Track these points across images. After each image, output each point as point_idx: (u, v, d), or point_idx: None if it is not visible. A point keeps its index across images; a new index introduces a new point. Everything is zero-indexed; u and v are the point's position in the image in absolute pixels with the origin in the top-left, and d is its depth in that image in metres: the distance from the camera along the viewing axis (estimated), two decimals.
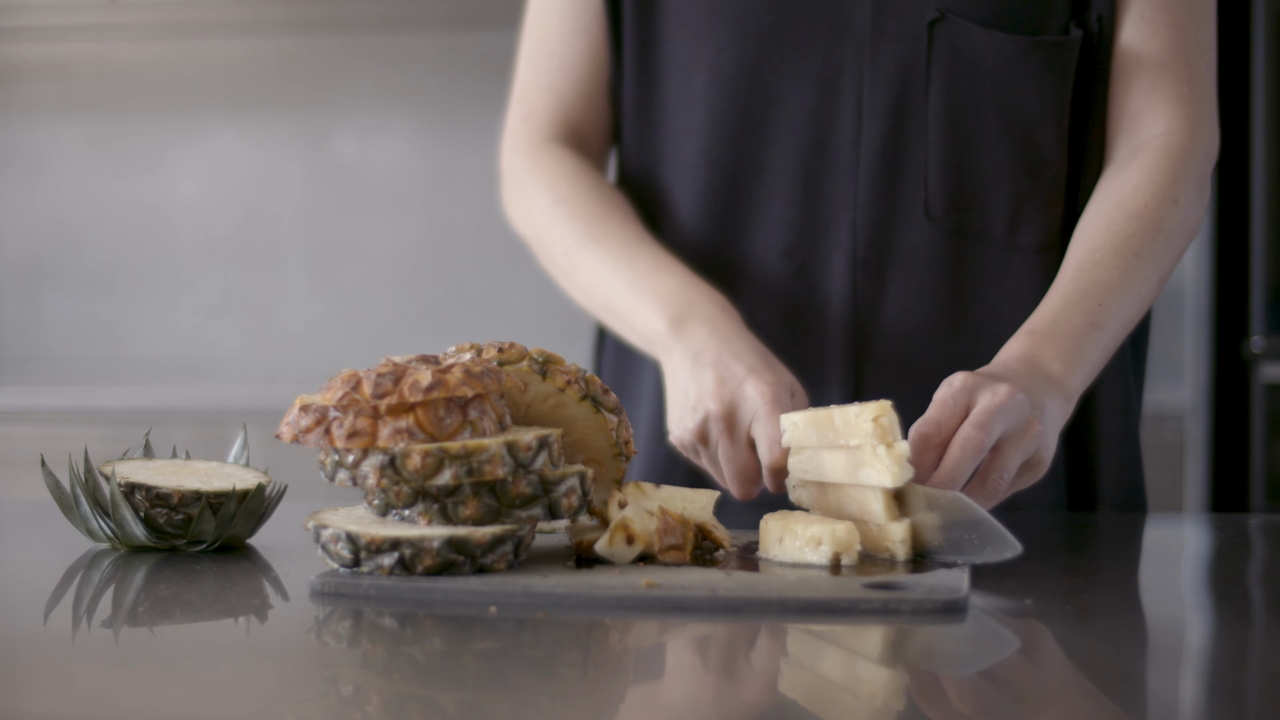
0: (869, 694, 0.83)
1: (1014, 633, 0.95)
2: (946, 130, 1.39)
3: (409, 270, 3.51)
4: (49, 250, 3.63)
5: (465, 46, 3.46)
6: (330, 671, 0.86)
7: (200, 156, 3.57)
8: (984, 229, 1.40)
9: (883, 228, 1.40)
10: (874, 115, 1.39)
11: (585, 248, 1.41)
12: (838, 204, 1.41)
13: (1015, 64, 1.37)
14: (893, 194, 1.40)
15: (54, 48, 3.59)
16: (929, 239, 1.40)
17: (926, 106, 1.39)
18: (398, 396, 1.02)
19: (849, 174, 1.40)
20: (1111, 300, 1.28)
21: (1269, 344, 2.84)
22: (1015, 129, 1.39)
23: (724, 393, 1.23)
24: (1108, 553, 1.27)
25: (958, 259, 1.40)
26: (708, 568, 1.06)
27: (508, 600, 0.98)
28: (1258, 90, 2.85)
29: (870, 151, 1.40)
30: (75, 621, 0.99)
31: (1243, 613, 1.04)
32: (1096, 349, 1.26)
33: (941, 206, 1.40)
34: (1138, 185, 1.34)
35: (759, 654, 0.91)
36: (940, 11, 1.37)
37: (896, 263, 1.40)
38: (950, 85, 1.38)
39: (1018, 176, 1.40)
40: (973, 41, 1.37)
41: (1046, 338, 1.24)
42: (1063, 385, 1.22)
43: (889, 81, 1.39)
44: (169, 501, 1.17)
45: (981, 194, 1.40)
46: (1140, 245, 1.31)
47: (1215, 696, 0.82)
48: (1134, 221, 1.32)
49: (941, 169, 1.39)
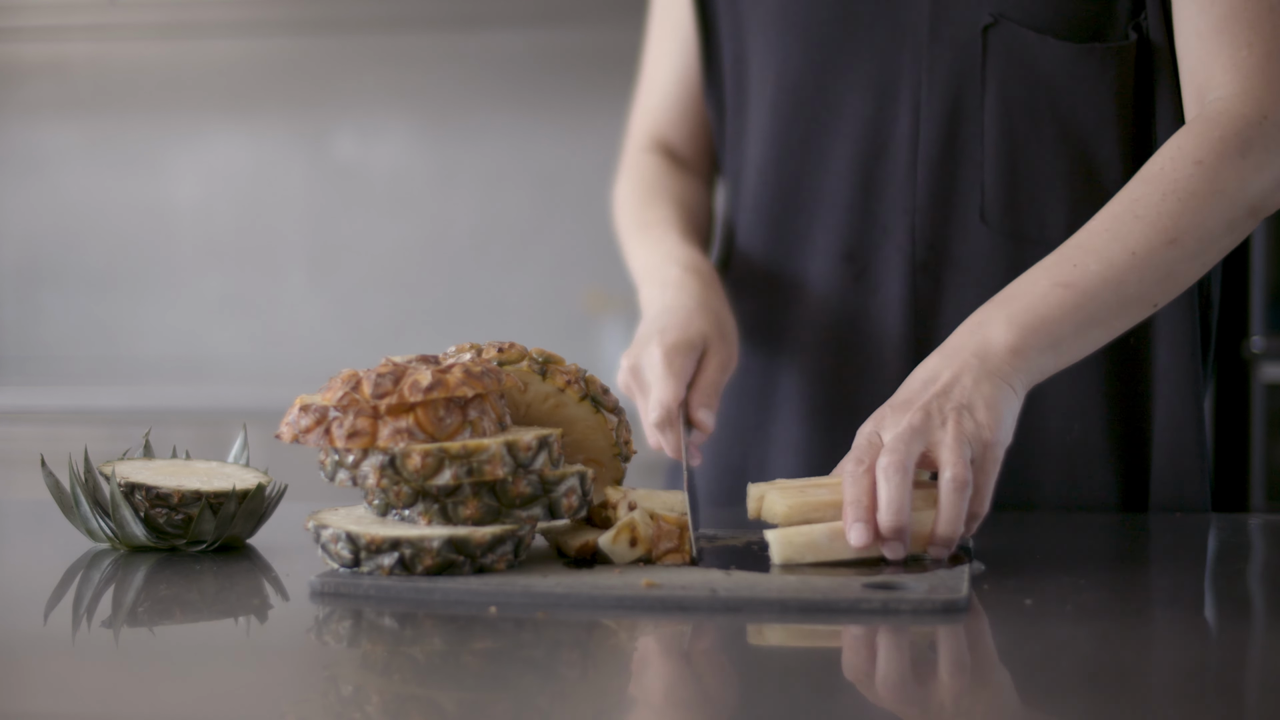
0: (869, 694, 0.83)
1: (1014, 633, 0.95)
2: (1002, 135, 1.40)
3: (409, 270, 3.51)
4: (49, 250, 3.63)
5: (465, 46, 3.46)
6: (330, 671, 0.86)
7: (200, 156, 3.57)
8: (1041, 234, 1.40)
9: (940, 232, 1.42)
10: (930, 120, 1.41)
11: (627, 235, 1.56)
12: (896, 208, 1.43)
13: (1070, 69, 1.38)
14: (949, 198, 1.42)
15: (54, 48, 3.59)
16: (985, 244, 1.41)
17: (982, 111, 1.40)
18: (398, 396, 1.02)
19: (907, 178, 1.42)
20: (1090, 260, 1.22)
21: (1269, 344, 2.84)
22: (1071, 134, 1.39)
23: (634, 349, 1.34)
24: (1107, 553, 1.27)
25: (1014, 264, 1.39)
26: (708, 568, 1.06)
27: (508, 600, 0.98)
28: None
29: (927, 156, 1.41)
30: (75, 621, 0.99)
31: (1243, 613, 1.04)
32: (1067, 306, 1.20)
33: (997, 212, 1.40)
34: (1160, 152, 1.28)
35: (758, 654, 0.91)
36: (995, 17, 1.37)
37: (954, 267, 1.42)
38: (1005, 90, 1.39)
39: (1075, 182, 1.39)
40: (1027, 47, 1.38)
41: (1002, 302, 1.21)
42: (1009, 347, 1.17)
43: (945, 86, 1.41)
44: (169, 501, 1.17)
45: (1038, 199, 1.40)
46: (1143, 208, 1.24)
47: (1215, 696, 0.82)
48: (1140, 185, 1.26)
49: (997, 174, 1.40)
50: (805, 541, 1.06)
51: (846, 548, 1.06)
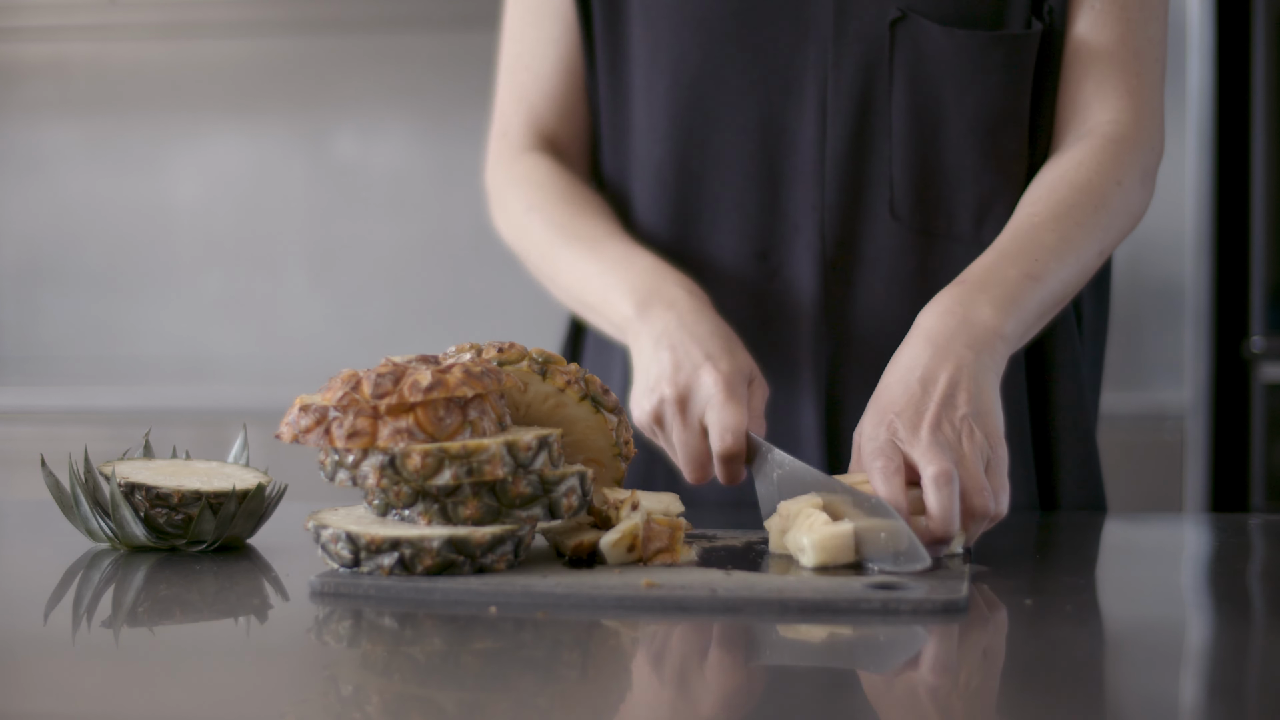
0: (869, 694, 0.83)
1: (1014, 633, 0.95)
2: (910, 129, 1.39)
3: (409, 270, 3.51)
4: (49, 250, 3.63)
5: (465, 46, 3.46)
6: (330, 671, 0.87)
7: (200, 156, 3.57)
8: (950, 227, 1.40)
9: (850, 228, 1.41)
10: (838, 115, 1.40)
11: (559, 250, 1.42)
12: (804, 206, 1.41)
13: (977, 60, 1.38)
14: (859, 194, 1.40)
15: (54, 48, 3.59)
16: (896, 239, 1.40)
17: (890, 106, 1.39)
18: (398, 396, 1.02)
19: (814, 175, 1.41)
20: (1049, 258, 1.27)
21: (1269, 344, 2.84)
22: (979, 126, 1.39)
23: (679, 378, 1.23)
24: (1107, 553, 1.27)
25: (925, 258, 1.40)
26: (707, 568, 1.06)
27: (508, 600, 0.98)
28: (1258, 90, 2.85)
29: (835, 152, 1.40)
30: (75, 621, 0.99)
31: (1243, 613, 1.04)
32: (1033, 299, 1.25)
33: (907, 206, 1.40)
34: (1081, 162, 1.35)
35: (759, 654, 0.91)
36: (901, 10, 1.37)
37: (865, 263, 1.41)
38: (913, 84, 1.39)
39: (982, 174, 1.40)
40: (934, 39, 1.38)
41: (978, 286, 1.23)
42: (997, 331, 1.20)
43: (852, 82, 1.39)
44: (169, 501, 1.17)
45: (947, 192, 1.40)
46: (1082, 215, 1.31)
47: (1215, 696, 0.82)
48: (1076, 193, 1.32)
49: (906, 169, 1.40)
50: (839, 545, 1.06)
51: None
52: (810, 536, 1.05)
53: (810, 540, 1.05)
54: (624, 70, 1.47)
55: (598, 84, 1.49)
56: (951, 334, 1.18)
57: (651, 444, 1.44)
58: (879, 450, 1.10)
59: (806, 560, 1.06)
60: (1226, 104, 2.91)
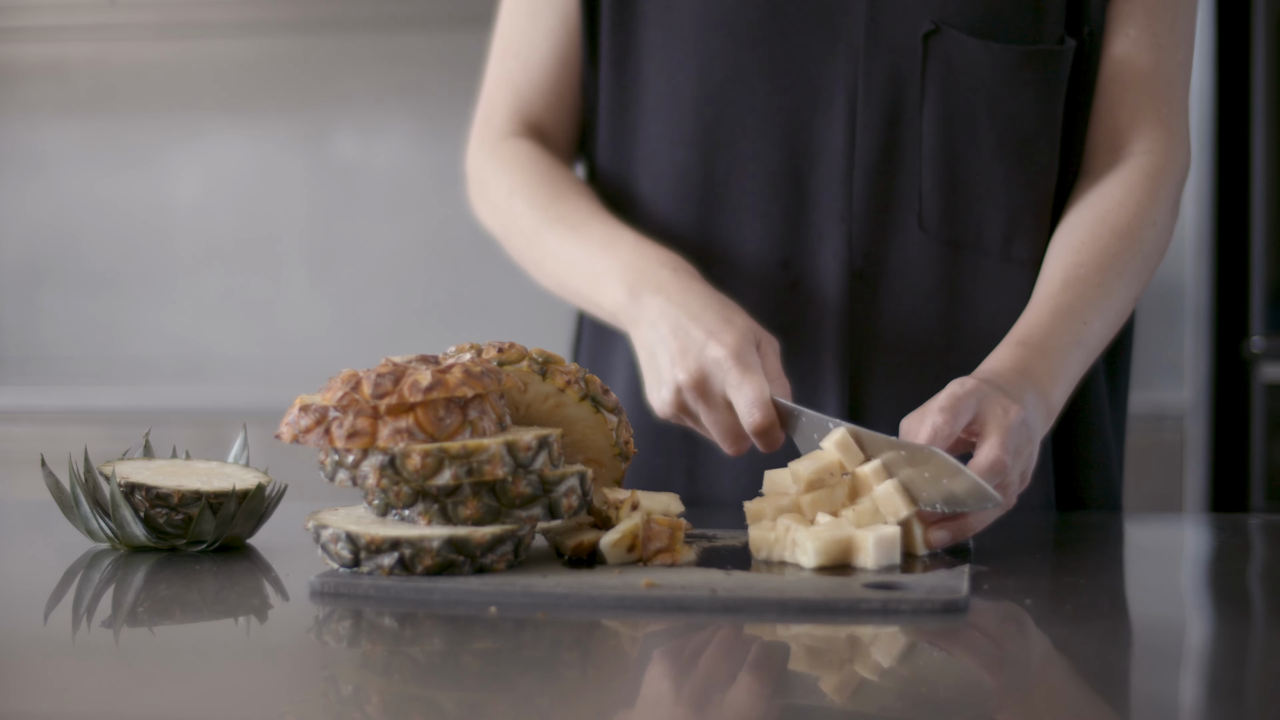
0: (868, 694, 0.83)
1: (1014, 633, 0.95)
2: (941, 142, 1.38)
3: (409, 270, 3.51)
4: (49, 250, 3.63)
5: (465, 46, 3.46)
6: (330, 671, 0.87)
7: (200, 156, 3.57)
8: (979, 241, 1.40)
9: (877, 239, 1.40)
10: (868, 126, 1.39)
11: (543, 233, 1.41)
12: (831, 215, 1.40)
13: (1009, 75, 1.37)
14: (887, 206, 1.40)
15: (54, 48, 3.59)
16: (924, 251, 1.40)
17: (921, 118, 1.38)
18: (398, 396, 1.02)
19: (842, 185, 1.40)
20: (1095, 318, 1.31)
21: (1269, 344, 2.84)
22: (1010, 140, 1.39)
23: (688, 361, 1.23)
24: (1107, 553, 1.27)
25: (952, 271, 1.40)
26: (707, 568, 1.06)
27: (508, 600, 0.98)
28: (1258, 90, 2.85)
29: (864, 163, 1.39)
30: (75, 621, 0.99)
31: (1243, 613, 1.04)
32: (1078, 366, 1.29)
33: (935, 219, 1.39)
34: (1121, 202, 1.36)
35: (758, 654, 0.91)
36: (935, 23, 1.36)
37: (891, 274, 1.40)
38: (945, 97, 1.38)
39: (1013, 188, 1.39)
40: (967, 53, 1.37)
41: (1039, 352, 1.25)
42: (1049, 400, 1.23)
43: (883, 93, 1.38)
44: (169, 501, 1.17)
45: (976, 206, 1.40)
46: (1122, 264, 1.34)
47: (1215, 696, 0.82)
48: (1118, 240, 1.34)
49: (936, 181, 1.39)
50: (840, 547, 1.07)
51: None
52: (813, 542, 1.05)
53: (811, 543, 1.05)
54: (633, 70, 1.45)
55: (598, 80, 1.48)
56: (1036, 402, 1.21)
57: (652, 444, 1.45)
58: (951, 407, 1.13)
59: (807, 561, 1.06)
60: (1226, 104, 2.91)
